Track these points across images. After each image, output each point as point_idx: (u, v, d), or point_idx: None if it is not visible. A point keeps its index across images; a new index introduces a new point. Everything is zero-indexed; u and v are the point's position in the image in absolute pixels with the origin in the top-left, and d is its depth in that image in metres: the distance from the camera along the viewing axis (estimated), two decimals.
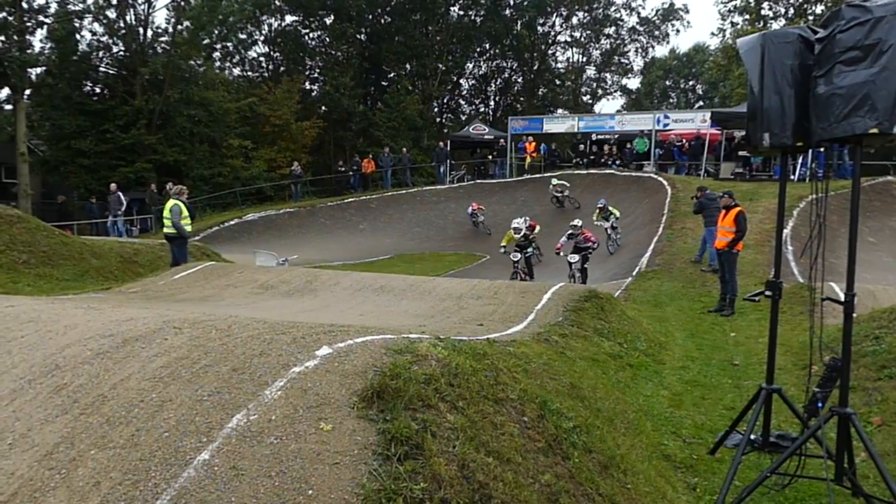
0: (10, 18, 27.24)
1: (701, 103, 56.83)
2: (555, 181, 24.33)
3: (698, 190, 14.65)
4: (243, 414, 2.68)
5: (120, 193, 23.18)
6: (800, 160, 21.00)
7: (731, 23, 36.72)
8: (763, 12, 34.37)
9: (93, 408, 2.85)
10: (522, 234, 14.54)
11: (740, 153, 23.58)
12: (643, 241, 17.36)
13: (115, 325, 3.72)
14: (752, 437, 4.41)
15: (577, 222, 15.09)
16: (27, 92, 29.25)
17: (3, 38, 27.21)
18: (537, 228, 17.88)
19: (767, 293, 4.48)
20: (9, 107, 28.97)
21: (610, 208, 18.98)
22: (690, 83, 62.11)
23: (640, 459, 4.30)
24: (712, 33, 57.19)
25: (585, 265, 14.61)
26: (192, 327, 3.62)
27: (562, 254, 14.50)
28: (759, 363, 7.58)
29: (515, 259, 14.56)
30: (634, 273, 14.44)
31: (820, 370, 4.38)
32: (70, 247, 12.14)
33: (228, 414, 2.68)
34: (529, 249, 14.77)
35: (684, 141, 25.97)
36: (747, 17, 34.74)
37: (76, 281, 11.22)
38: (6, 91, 28.71)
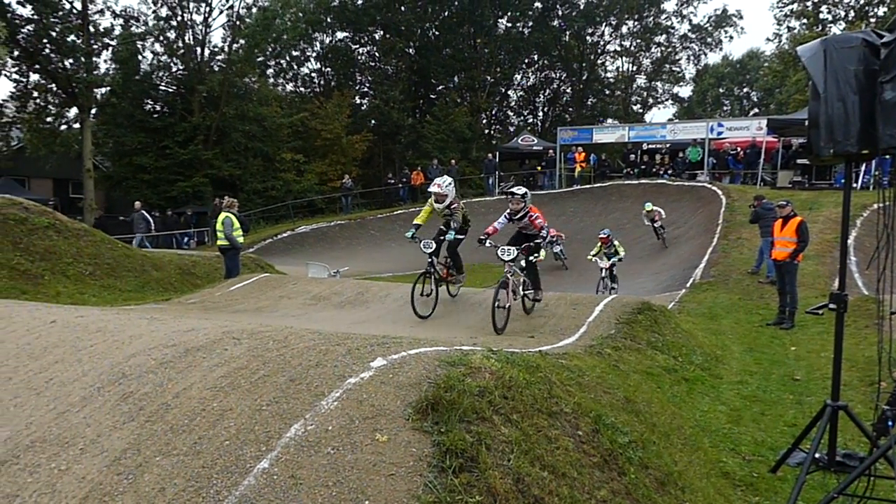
0: (79, 41, 28.61)
1: (756, 110, 55.45)
2: (648, 206, 20.42)
3: (755, 199, 14.28)
4: (301, 424, 2.72)
5: (144, 211, 21.94)
6: (863, 167, 20.25)
7: (788, 27, 35.74)
8: (821, 16, 33.33)
9: (157, 416, 2.94)
10: (446, 204, 8.80)
11: (799, 161, 22.88)
12: (697, 251, 16.98)
13: (177, 335, 3.84)
14: (817, 455, 4.24)
15: (520, 190, 8.68)
16: (93, 111, 30.63)
17: (71, 60, 28.59)
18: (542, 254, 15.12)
19: (832, 306, 4.32)
20: (76, 125, 30.35)
21: (615, 243, 15.34)
22: (745, 90, 60.67)
23: (697, 476, 4.19)
24: (767, 39, 55.80)
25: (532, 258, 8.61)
26: (251, 338, 3.71)
27: (490, 243, 8.42)
28: (822, 378, 7.31)
29: (428, 249, 8.87)
30: (688, 284, 14.13)
31: (889, 386, 4.20)
32: (132, 259, 12.59)
33: (287, 424, 2.73)
34: (451, 234, 8.93)
35: (739, 149, 25.37)
36: (805, 21, 33.73)
37: (138, 292, 11.62)
38: (74, 110, 30.12)
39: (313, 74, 44.89)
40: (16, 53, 27.48)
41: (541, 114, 50.44)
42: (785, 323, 10.48)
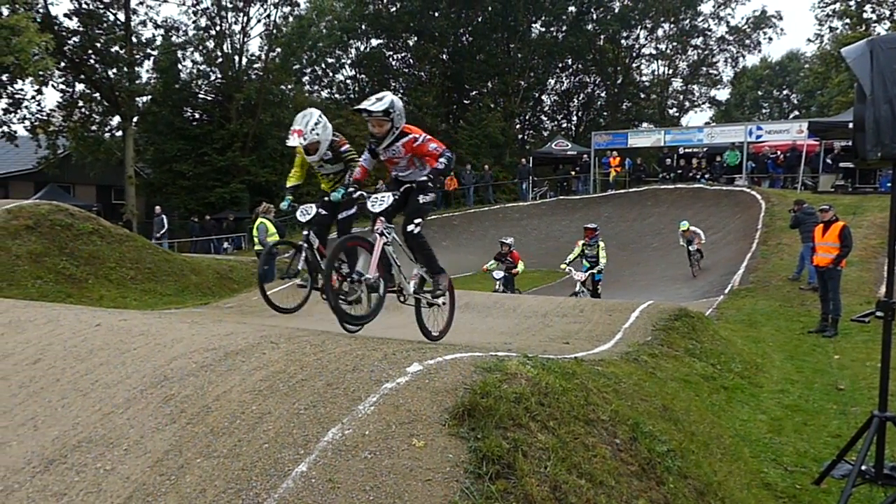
0: (122, 52, 29.42)
1: (796, 113, 54.27)
2: (684, 224, 18.22)
3: (795, 203, 13.99)
4: (338, 428, 2.75)
5: (163, 216, 22.71)
6: None
7: (830, 28, 34.95)
8: (865, 16, 32.49)
9: (198, 418, 3.00)
10: (321, 154, 5.60)
11: (841, 165, 22.31)
12: (735, 257, 16.67)
13: (217, 339, 3.91)
14: (863, 467, 4.12)
15: (381, 103, 8.30)
16: (135, 119, 31.45)
17: (114, 70, 29.40)
18: (520, 266, 13.71)
19: (878, 314, 4.20)
20: (119, 133, 31.20)
21: (601, 244, 12.79)
22: (784, 92, 59.42)
23: (738, 487, 4.11)
24: (808, 40, 54.56)
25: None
26: (288, 342, 3.75)
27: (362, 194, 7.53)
28: (868, 388, 7.11)
29: (305, 217, 5.79)
30: (726, 291, 13.88)
31: None
32: (172, 264, 12.85)
33: (324, 427, 2.76)
34: (338, 194, 5.37)
35: (779, 153, 24.84)
36: (848, 21, 32.92)
37: (177, 296, 11.85)
38: (117, 119, 30.94)
39: (348, 81, 45.35)
40: (62, 64, 28.36)
41: (575, 118, 50.11)
42: (828, 331, 10.22)
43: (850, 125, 4.04)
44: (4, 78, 24.88)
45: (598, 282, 12.56)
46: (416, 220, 5.03)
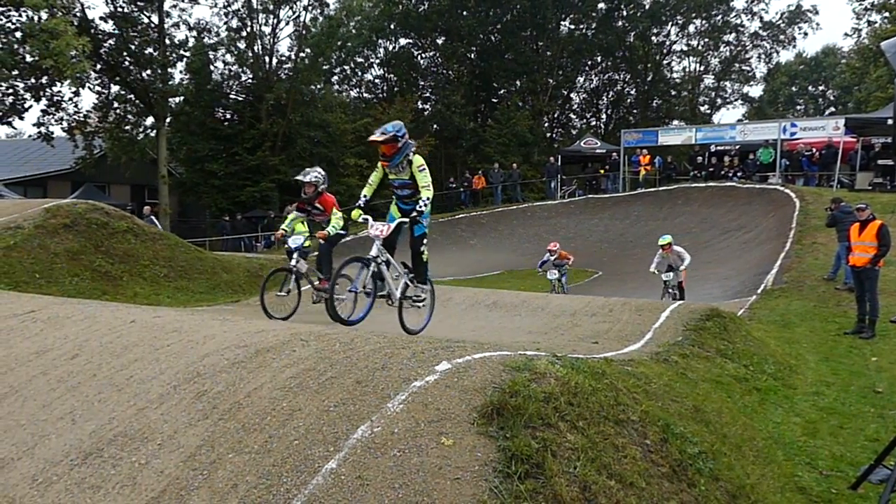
0: (156, 54, 29.96)
1: (832, 109, 53.07)
2: (665, 239, 13.87)
3: (832, 202, 13.68)
4: (367, 426, 2.76)
5: (153, 216, 20.88)
6: None
7: (868, 21, 34.10)
8: None
9: (230, 414, 3.04)
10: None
11: (880, 162, 21.75)
12: (768, 256, 16.37)
13: (248, 336, 3.96)
14: None
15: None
16: (168, 119, 32.00)
17: (148, 71, 29.95)
18: (334, 221, 9.30)
19: None
20: (152, 134, 31.78)
21: (422, 178, 7.00)
22: (820, 88, 58.15)
23: (771, 491, 4.04)
24: (846, 34, 53.19)
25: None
26: (318, 340, 3.78)
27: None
28: None
29: None
30: (759, 291, 13.63)
31: None
32: (204, 262, 13.03)
33: (353, 425, 2.78)
34: None
35: (814, 150, 24.32)
36: (887, 14, 32.08)
37: (208, 294, 12.01)
38: (150, 119, 31.50)
39: (377, 80, 45.62)
40: (98, 67, 28.95)
41: (604, 116, 49.67)
42: (865, 332, 9.98)
43: (889, 121, 3.92)
44: (44, 81, 25.47)
45: (421, 237, 7.16)
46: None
